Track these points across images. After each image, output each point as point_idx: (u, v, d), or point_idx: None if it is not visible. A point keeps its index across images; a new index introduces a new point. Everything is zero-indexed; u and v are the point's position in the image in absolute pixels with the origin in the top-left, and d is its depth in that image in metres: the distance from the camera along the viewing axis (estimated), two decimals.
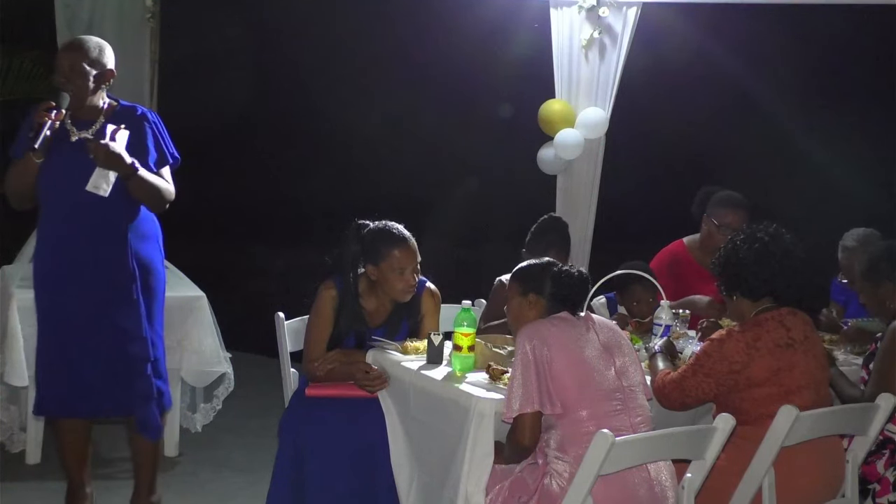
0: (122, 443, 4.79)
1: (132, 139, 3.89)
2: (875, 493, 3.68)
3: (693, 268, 4.91)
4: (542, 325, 3.28)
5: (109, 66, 3.95)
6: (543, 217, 4.69)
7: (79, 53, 3.88)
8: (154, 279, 4.00)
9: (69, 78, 3.86)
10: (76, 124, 3.91)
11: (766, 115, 7.76)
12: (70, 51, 3.91)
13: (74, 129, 3.91)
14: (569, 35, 5.80)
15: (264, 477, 3.99)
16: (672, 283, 4.76)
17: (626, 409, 3.23)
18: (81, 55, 3.88)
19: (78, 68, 3.86)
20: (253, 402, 5.88)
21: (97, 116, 3.95)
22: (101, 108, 3.96)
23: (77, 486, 4.15)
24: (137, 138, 3.92)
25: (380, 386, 3.69)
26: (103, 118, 3.94)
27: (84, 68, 3.87)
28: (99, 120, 3.94)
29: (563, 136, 5.77)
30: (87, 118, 3.93)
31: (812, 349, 3.47)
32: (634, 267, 4.38)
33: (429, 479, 3.51)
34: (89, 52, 3.90)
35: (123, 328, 3.90)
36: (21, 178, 3.89)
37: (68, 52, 3.91)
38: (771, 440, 3.22)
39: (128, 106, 4.04)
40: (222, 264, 8.13)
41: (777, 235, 3.52)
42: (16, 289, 4.77)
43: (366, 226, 3.98)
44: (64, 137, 3.88)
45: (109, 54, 3.97)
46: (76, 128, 3.91)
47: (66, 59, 3.88)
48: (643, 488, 3.16)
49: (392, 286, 3.90)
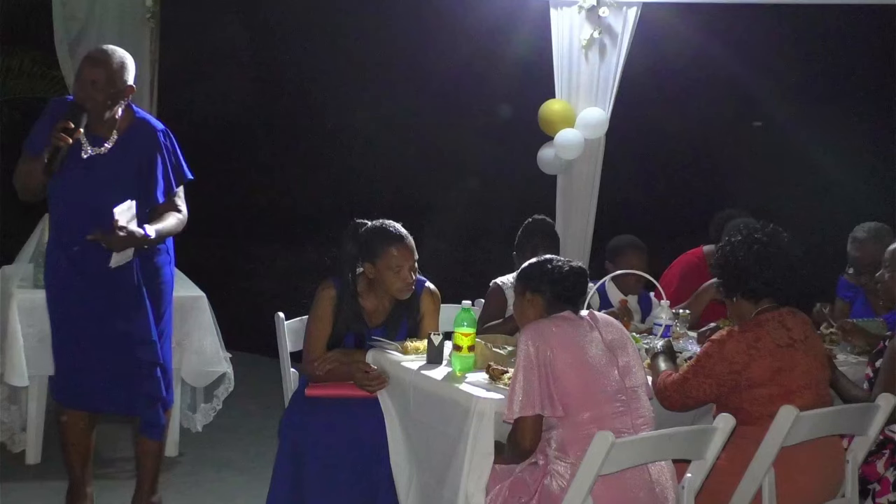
0: (123, 443, 4.80)
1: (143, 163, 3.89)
2: (875, 493, 3.68)
3: (708, 277, 4.89)
4: (544, 325, 3.28)
5: (130, 83, 3.88)
6: (528, 220, 4.69)
7: (104, 68, 3.80)
8: (162, 283, 4.03)
9: (91, 93, 3.79)
10: (90, 139, 3.86)
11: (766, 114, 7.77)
12: (95, 65, 3.81)
13: (87, 145, 3.87)
14: (569, 35, 5.80)
15: (264, 477, 3.99)
16: (688, 294, 4.79)
17: (629, 410, 3.23)
18: (105, 70, 3.80)
19: (100, 84, 3.79)
20: (253, 402, 5.88)
21: (110, 133, 3.90)
22: (115, 124, 3.91)
23: (77, 486, 4.16)
24: (148, 168, 3.90)
25: (379, 386, 3.69)
26: (116, 135, 3.91)
27: (107, 83, 3.80)
28: (111, 137, 3.89)
29: (563, 136, 5.77)
30: (101, 134, 3.89)
31: (812, 349, 3.47)
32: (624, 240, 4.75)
33: (428, 479, 3.51)
34: (114, 66, 3.82)
35: (132, 333, 3.92)
36: (28, 180, 3.88)
37: (93, 66, 3.81)
38: (771, 440, 3.21)
39: (141, 121, 3.98)
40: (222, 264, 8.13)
41: (775, 235, 3.52)
42: (16, 289, 4.77)
43: (363, 225, 3.98)
44: (76, 153, 3.84)
45: (132, 69, 3.90)
46: (89, 143, 3.87)
47: (89, 73, 3.80)
48: (643, 490, 3.15)
49: (389, 284, 3.90)
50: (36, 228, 5.04)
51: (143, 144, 3.92)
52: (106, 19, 5.55)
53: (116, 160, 3.88)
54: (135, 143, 3.92)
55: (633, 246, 4.72)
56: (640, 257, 4.66)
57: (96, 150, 3.88)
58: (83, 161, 3.86)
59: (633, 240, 4.78)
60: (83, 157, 3.86)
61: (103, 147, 3.88)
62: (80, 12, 5.54)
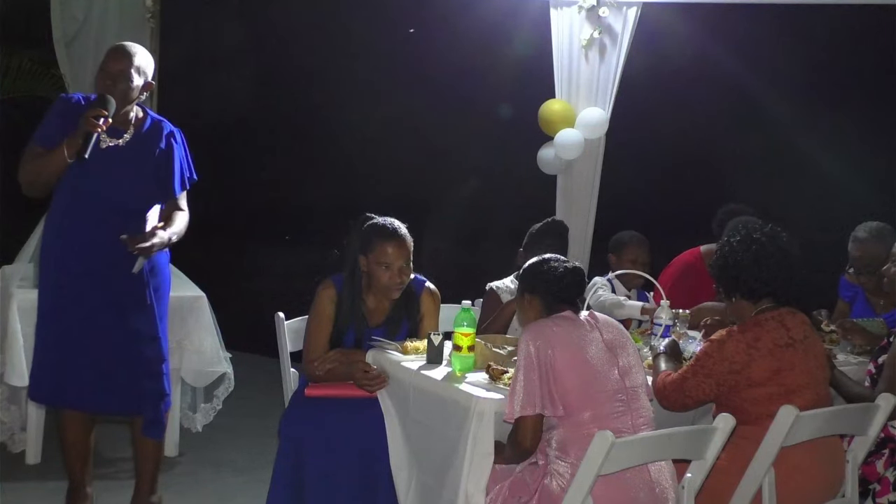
0: (122, 443, 4.80)
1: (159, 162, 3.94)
2: (875, 493, 3.68)
3: (705, 277, 4.90)
4: (545, 325, 3.28)
5: (150, 77, 3.99)
6: (546, 220, 4.72)
7: (129, 60, 3.90)
8: (161, 281, 4.04)
9: (116, 82, 3.87)
10: (108, 131, 3.90)
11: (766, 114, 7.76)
12: (121, 56, 3.92)
13: (105, 136, 3.91)
14: (569, 35, 5.80)
15: (264, 477, 3.99)
16: (684, 293, 4.79)
17: (629, 410, 3.23)
18: (130, 62, 3.90)
19: (126, 74, 3.88)
20: (253, 402, 5.88)
21: (128, 126, 3.97)
22: (132, 120, 3.98)
23: (77, 486, 4.16)
24: (164, 163, 3.96)
25: (379, 386, 3.69)
26: (133, 129, 3.97)
27: (131, 74, 3.89)
28: (129, 131, 3.96)
29: (563, 136, 5.77)
30: (119, 127, 3.94)
31: (812, 349, 3.47)
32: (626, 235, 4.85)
33: (427, 480, 3.51)
34: (137, 60, 3.92)
35: (139, 330, 3.93)
36: (45, 170, 3.87)
37: (119, 57, 3.92)
38: (771, 440, 3.21)
39: (156, 120, 4.07)
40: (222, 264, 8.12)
41: (773, 235, 3.52)
42: (16, 289, 4.77)
43: (371, 219, 3.99)
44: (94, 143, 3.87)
45: (152, 65, 4.02)
46: (107, 135, 3.91)
47: (115, 64, 3.89)
48: (643, 490, 3.15)
49: (378, 279, 3.90)
50: (36, 228, 5.05)
51: (159, 140, 3.99)
52: (105, 19, 5.56)
53: (135, 153, 3.94)
54: (152, 138, 3.99)
55: (635, 239, 4.84)
56: (643, 250, 4.80)
57: (114, 142, 3.93)
58: (101, 152, 3.88)
59: (636, 234, 4.89)
60: (101, 147, 3.89)
61: (122, 138, 3.94)
62: (79, 12, 5.55)
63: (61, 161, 3.81)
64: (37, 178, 3.91)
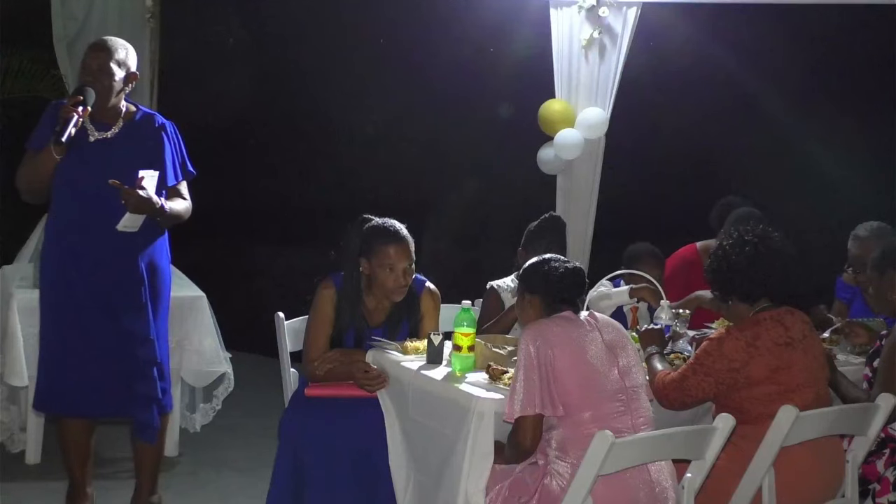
0: (122, 443, 4.79)
1: (150, 152, 3.92)
2: (875, 493, 3.68)
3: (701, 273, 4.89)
4: (545, 325, 3.28)
5: (133, 69, 3.98)
6: (544, 216, 4.69)
7: (107, 53, 3.91)
8: (160, 281, 4.03)
9: (96, 77, 3.88)
10: (95, 125, 3.92)
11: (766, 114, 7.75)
12: (99, 50, 3.93)
13: (94, 129, 3.92)
14: (569, 35, 5.80)
15: (264, 477, 3.99)
16: (679, 288, 4.78)
17: (629, 410, 3.23)
18: (109, 55, 3.90)
19: (106, 68, 3.89)
20: (253, 402, 5.88)
21: (116, 119, 3.97)
22: (121, 112, 3.98)
23: (78, 486, 4.16)
24: (155, 153, 3.94)
25: (379, 386, 3.69)
26: (122, 122, 3.97)
27: (111, 68, 3.90)
28: (118, 123, 3.96)
29: (563, 136, 5.77)
30: (107, 120, 3.95)
31: (811, 348, 3.47)
32: (641, 248, 4.66)
33: (426, 480, 3.51)
34: (117, 53, 3.93)
35: (131, 331, 3.92)
36: (37, 171, 3.89)
37: (97, 51, 3.93)
38: (771, 440, 3.22)
39: (147, 113, 4.07)
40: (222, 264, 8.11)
41: (765, 237, 3.52)
42: (16, 289, 4.78)
43: (369, 220, 3.99)
44: (83, 137, 3.89)
45: (133, 56, 4.01)
46: (95, 129, 3.92)
47: (94, 58, 3.91)
48: (643, 490, 3.16)
49: (381, 283, 3.90)
50: (36, 228, 5.05)
51: (149, 133, 3.98)
52: (105, 19, 5.57)
53: (124, 145, 3.93)
54: (141, 131, 3.98)
55: (650, 254, 4.67)
56: (657, 266, 4.63)
57: (102, 135, 3.92)
58: (90, 145, 3.89)
59: (651, 248, 4.72)
60: (90, 140, 3.90)
61: (109, 132, 3.93)
62: (79, 12, 5.55)
63: (49, 158, 3.82)
64: (31, 180, 3.92)
